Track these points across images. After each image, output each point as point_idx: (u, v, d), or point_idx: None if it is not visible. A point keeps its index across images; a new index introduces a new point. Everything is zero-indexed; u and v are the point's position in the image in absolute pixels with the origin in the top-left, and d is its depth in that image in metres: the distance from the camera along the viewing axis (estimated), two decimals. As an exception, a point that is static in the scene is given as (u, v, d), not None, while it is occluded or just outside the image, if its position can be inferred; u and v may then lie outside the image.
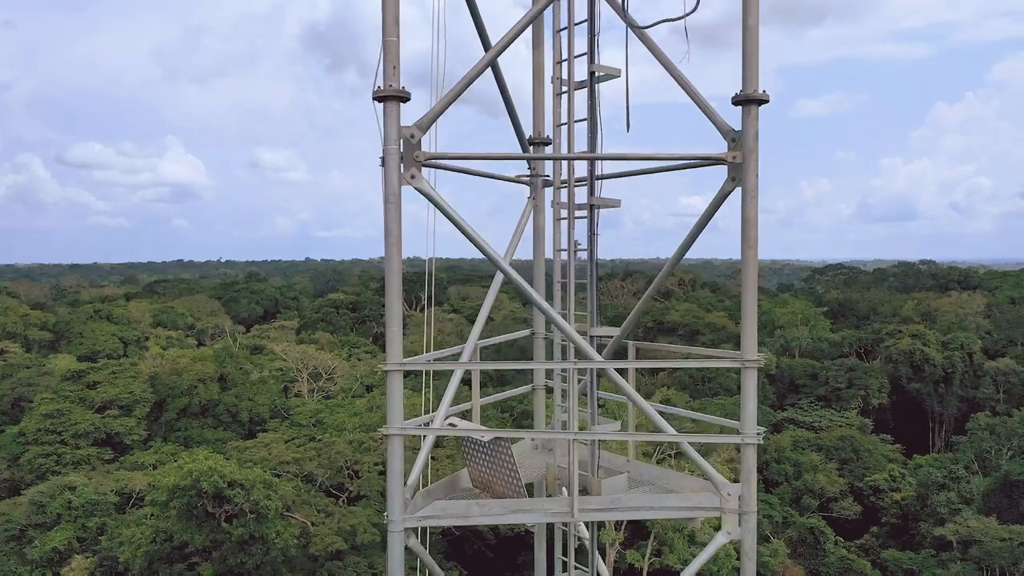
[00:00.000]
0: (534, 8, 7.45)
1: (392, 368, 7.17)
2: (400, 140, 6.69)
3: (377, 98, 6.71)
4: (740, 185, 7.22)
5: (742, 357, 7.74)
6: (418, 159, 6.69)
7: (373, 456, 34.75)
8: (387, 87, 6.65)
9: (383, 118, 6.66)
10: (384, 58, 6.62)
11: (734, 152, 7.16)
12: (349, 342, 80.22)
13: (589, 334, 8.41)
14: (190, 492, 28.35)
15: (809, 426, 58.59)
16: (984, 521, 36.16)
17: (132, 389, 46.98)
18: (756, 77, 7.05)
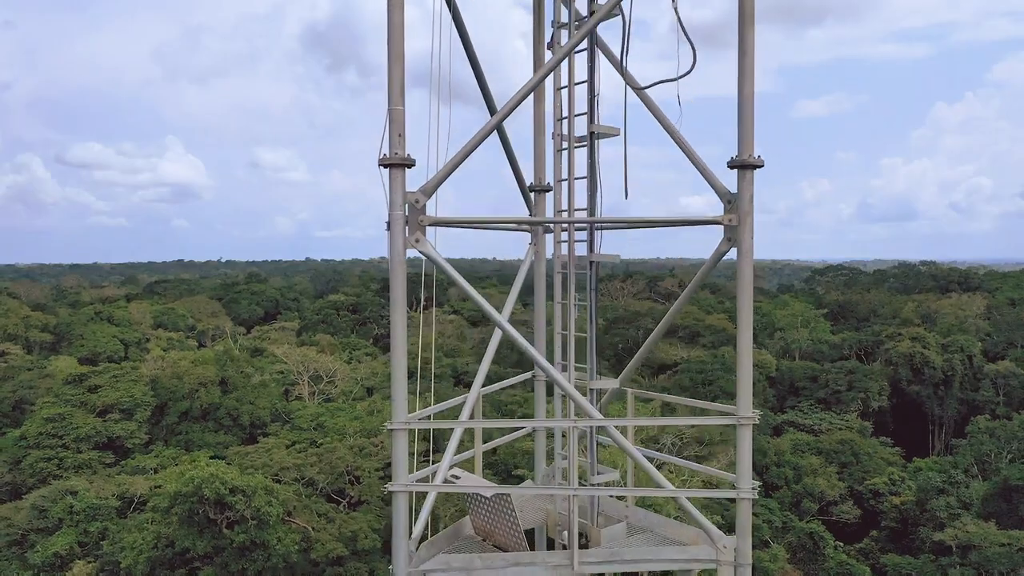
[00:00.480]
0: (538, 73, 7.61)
1: (398, 427, 7.33)
2: (405, 205, 6.82)
3: (383, 164, 6.83)
4: (736, 246, 7.45)
5: (737, 413, 7.96)
6: (423, 223, 6.83)
7: (374, 461, 34.87)
8: (392, 155, 6.80)
9: (388, 184, 6.79)
10: (389, 126, 6.75)
11: (730, 215, 7.37)
12: (350, 344, 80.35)
13: (589, 387, 8.59)
14: (192, 499, 28.46)
15: (809, 429, 58.69)
16: (983, 526, 36.25)
17: (133, 393, 47.09)
18: (751, 143, 7.19)
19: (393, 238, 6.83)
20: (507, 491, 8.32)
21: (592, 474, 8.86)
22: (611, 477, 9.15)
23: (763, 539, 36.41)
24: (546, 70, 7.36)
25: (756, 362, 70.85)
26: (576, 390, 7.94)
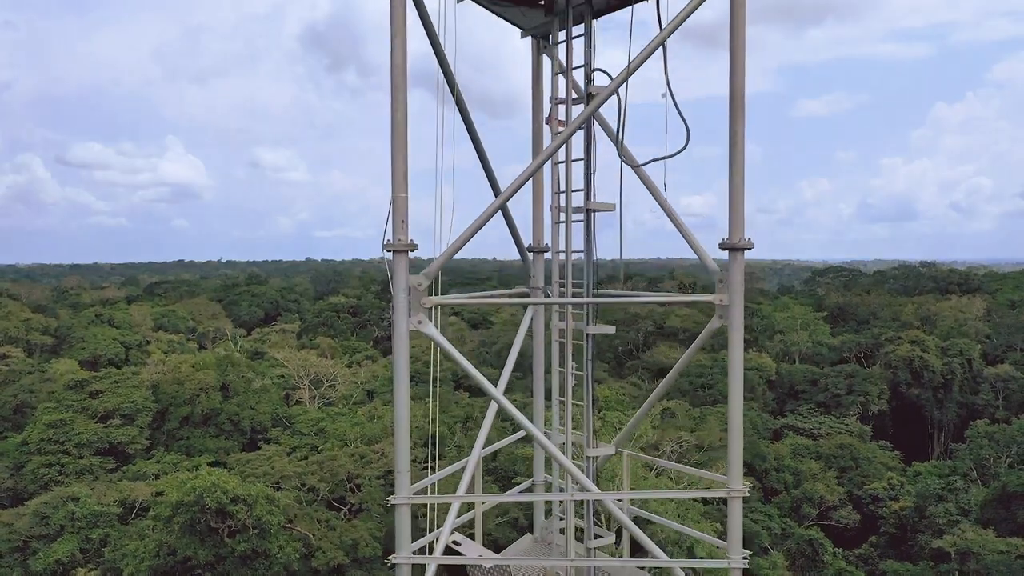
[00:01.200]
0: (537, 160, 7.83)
1: (401, 502, 7.51)
2: (408, 288, 7.02)
3: (388, 250, 7.03)
4: (727, 324, 7.63)
5: (728, 485, 8.12)
6: (425, 305, 7.04)
7: (374, 469, 34.99)
8: (396, 241, 7.03)
9: (392, 268, 6.98)
10: (393, 213, 6.95)
11: (721, 295, 7.62)
12: (350, 347, 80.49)
13: (587, 454, 8.74)
14: (193, 508, 28.58)
15: (808, 433, 58.82)
16: (982, 533, 36.36)
17: (134, 398, 47.20)
18: (741, 226, 7.47)
19: (396, 319, 7.03)
20: (506, 562, 8.46)
21: (588, 538, 9.02)
22: (608, 541, 9.30)
23: (762, 546, 36.53)
24: (544, 157, 7.56)
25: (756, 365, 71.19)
26: (573, 463, 8.13)
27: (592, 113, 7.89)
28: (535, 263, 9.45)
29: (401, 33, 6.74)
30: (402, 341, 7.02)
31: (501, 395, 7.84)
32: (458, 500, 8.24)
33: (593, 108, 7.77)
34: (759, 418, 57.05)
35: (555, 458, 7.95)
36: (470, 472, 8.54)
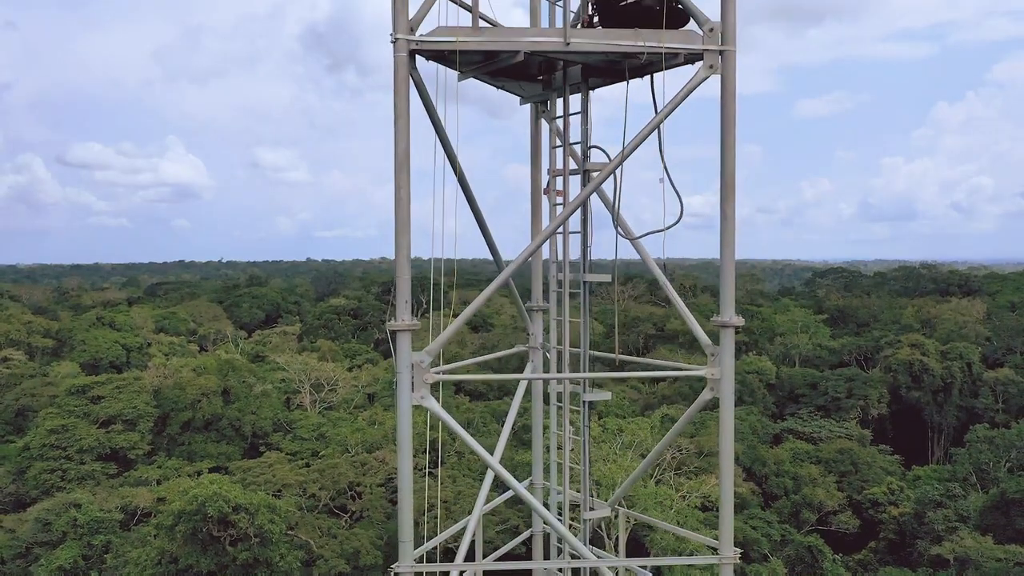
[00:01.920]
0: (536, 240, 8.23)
1: (404, 571, 7.69)
2: (411, 366, 7.21)
3: (391, 330, 7.24)
4: (718, 395, 7.99)
5: (720, 552, 8.39)
6: (427, 381, 7.25)
7: (375, 477, 35.13)
8: (400, 322, 7.27)
9: (396, 347, 7.18)
10: (396, 295, 7.18)
11: (712, 368, 7.92)
12: (351, 350, 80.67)
13: (583, 518, 8.95)
14: (195, 517, 28.74)
15: (808, 437, 58.88)
16: (980, 540, 36.49)
17: (136, 404, 47.37)
18: (732, 305, 7.97)
19: (400, 395, 7.23)
20: None
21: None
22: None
23: (762, 553, 36.67)
24: (542, 238, 7.80)
25: (756, 368, 71.28)
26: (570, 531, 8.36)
27: (588, 196, 8.17)
28: (534, 320, 9.65)
29: (404, 116, 6.93)
30: (405, 416, 7.21)
31: (497, 463, 8.11)
32: (459, 568, 8.35)
33: (589, 191, 8.02)
34: (759, 422, 57.14)
35: (554, 527, 8.14)
36: (470, 533, 8.68)
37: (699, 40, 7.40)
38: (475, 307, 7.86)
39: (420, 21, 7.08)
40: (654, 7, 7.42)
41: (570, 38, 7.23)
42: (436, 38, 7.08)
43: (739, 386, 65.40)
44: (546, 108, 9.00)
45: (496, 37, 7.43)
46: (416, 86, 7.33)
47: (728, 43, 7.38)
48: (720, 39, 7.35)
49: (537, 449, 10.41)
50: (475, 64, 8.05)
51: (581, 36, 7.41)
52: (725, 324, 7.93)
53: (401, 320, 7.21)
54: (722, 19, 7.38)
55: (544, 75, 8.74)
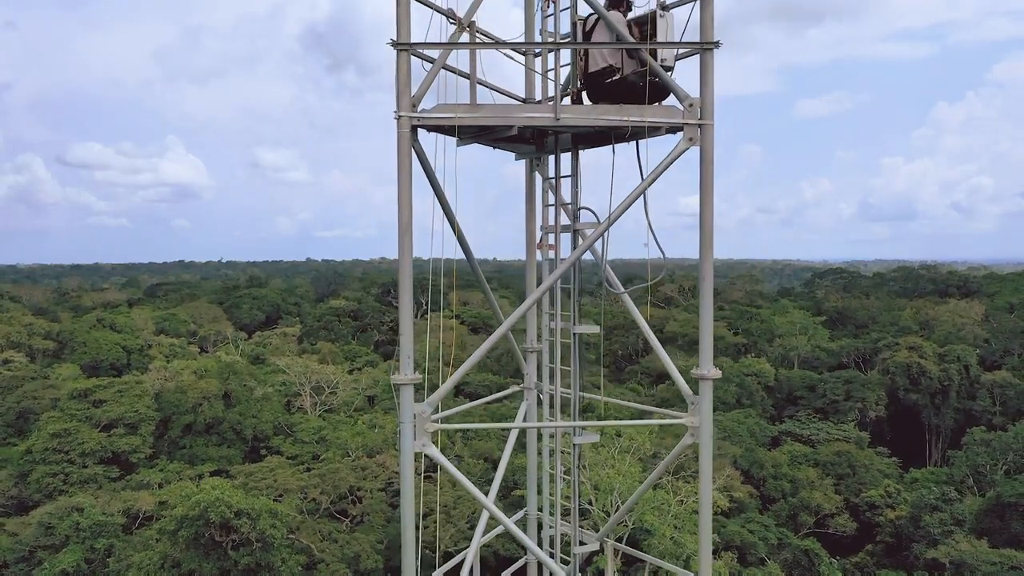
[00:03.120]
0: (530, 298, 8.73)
1: None
2: (414, 416, 7.66)
3: (395, 384, 7.65)
4: (697, 441, 8.46)
5: None
6: (428, 430, 7.73)
7: (375, 482, 35.42)
8: (403, 376, 7.74)
9: (400, 400, 7.61)
10: (400, 350, 7.56)
11: (692, 417, 8.41)
12: (351, 352, 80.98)
13: (574, 551, 9.33)
14: (198, 522, 29.01)
15: (806, 440, 59.18)
16: (975, 544, 36.79)
17: (137, 407, 47.64)
18: (710, 359, 8.39)
19: (403, 443, 7.68)
20: None
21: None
22: None
23: (759, 557, 36.95)
24: (535, 297, 8.08)
25: (754, 371, 71.54)
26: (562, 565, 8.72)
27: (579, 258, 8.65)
28: (529, 361, 10.01)
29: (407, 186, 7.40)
30: (408, 463, 7.63)
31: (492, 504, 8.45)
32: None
33: (578, 254, 8.51)
34: (757, 425, 57.42)
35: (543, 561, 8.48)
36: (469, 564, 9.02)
37: (679, 115, 7.89)
38: (476, 358, 8.33)
39: (421, 98, 7.54)
40: (637, 83, 7.96)
41: (560, 114, 7.79)
42: (437, 115, 7.58)
43: (737, 389, 65.70)
44: (540, 161, 9.42)
45: (492, 113, 7.92)
46: (417, 155, 7.77)
47: (706, 117, 7.85)
48: (699, 114, 7.83)
49: (531, 483, 10.74)
50: (473, 134, 8.59)
51: (570, 112, 7.96)
52: (703, 376, 8.39)
53: (404, 375, 7.66)
54: (700, 95, 7.86)
55: (537, 140, 9.25)
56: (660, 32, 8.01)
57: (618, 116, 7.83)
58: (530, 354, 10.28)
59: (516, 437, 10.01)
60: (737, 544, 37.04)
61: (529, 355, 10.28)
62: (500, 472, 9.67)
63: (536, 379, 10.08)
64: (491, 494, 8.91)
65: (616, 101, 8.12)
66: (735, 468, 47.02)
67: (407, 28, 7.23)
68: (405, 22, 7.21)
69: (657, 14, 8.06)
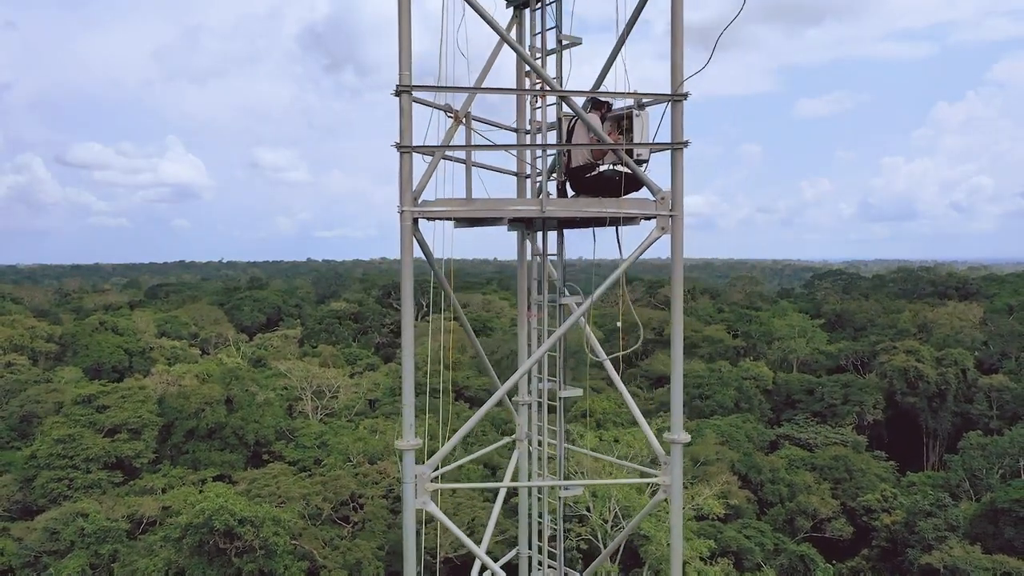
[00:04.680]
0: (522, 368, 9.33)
1: None
2: (415, 477, 8.31)
3: (399, 448, 8.26)
4: (668, 496, 9.14)
5: None
6: (428, 489, 8.44)
7: (377, 489, 35.87)
8: (406, 443, 8.38)
9: (403, 463, 8.21)
10: (403, 420, 8.14)
11: (665, 476, 9.11)
12: (352, 355, 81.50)
13: None
14: (202, 529, 29.48)
15: (804, 443, 59.65)
16: (969, 550, 37.23)
17: (141, 413, 48.10)
18: (680, 425, 9.02)
19: (405, 501, 8.37)
20: None
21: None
22: None
23: (756, 562, 37.42)
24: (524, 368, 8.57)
25: (753, 374, 72.00)
26: None
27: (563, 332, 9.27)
28: (520, 413, 10.54)
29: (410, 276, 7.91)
30: (410, 520, 8.23)
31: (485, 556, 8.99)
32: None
33: (563, 329, 9.17)
34: (755, 429, 57.86)
35: None
36: None
37: (652, 206, 8.59)
38: (473, 422, 9.06)
39: (421, 192, 8.22)
40: (614, 177, 8.75)
41: (545, 207, 8.58)
42: (437, 208, 8.28)
43: (736, 393, 66.19)
44: (530, 235, 10.04)
45: (484, 206, 8.62)
46: (418, 242, 8.42)
47: (676, 209, 8.54)
48: (670, 206, 8.51)
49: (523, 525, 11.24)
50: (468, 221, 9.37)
51: (554, 204, 8.76)
52: (675, 440, 9.03)
53: (407, 441, 8.34)
54: (671, 188, 8.53)
55: (526, 220, 9.97)
56: (636, 129, 8.70)
57: (597, 208, 8.61)
58: (521, 407, 10.84)
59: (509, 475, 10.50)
60: (734, 550, 37.51)
61: (521, 408, 10.83)
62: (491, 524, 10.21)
63: (527, 430, 10.60)
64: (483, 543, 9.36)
65: (596, 192, 8.87)
66: (733, 473, 47.50)
67: (409, 132, 7.85)
68: (407, 127, 7.83)
69: (633, 114, 8.74)
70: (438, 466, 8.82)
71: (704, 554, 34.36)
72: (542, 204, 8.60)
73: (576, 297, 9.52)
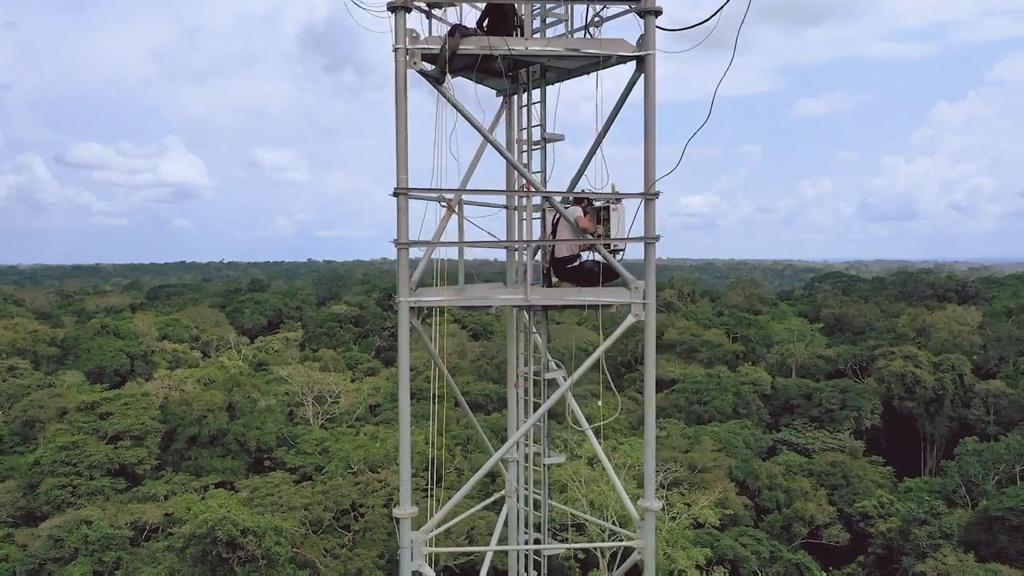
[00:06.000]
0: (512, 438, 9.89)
1: None
2: (411, 542, 8.85)
3: (396, 517, 8.82)
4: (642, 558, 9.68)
5: None
6: (424, 552, 9.01)
7: (377, 498, 36.31)
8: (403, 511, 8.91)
9: (400, 529, 8.76)
10: (401, 490, 8.61)
11: (639, 540, 9.66)
12: (352, 358, 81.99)
13: None
14: (205, 540, 29.92)
15: (802, 449, 60.05)
16: (962, 558, 37.63)
17: (143, 420, 48.54)
18: (652, 493, 9.66)
19: (403, 567, 8.92)
20: None
21: None
22: None
23: (752, 570, 37.83)
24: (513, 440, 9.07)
25: (752, 379, 72.36)
26: None
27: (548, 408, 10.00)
28: (510, 469, 11.05)
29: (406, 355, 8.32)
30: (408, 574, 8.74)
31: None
32: None
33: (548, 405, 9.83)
34: (753, 435, 58.24)
35: None
36: None
37: (627, 295, 9.41)
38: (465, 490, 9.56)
39: (417, 284, 8.95)
40: (593, 268, 9.69)
41: (529, 296, 9.38)
42: (430, 299, 9.04)
43: (734, 398, 66.57)
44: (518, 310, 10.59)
45: (474, 295, 9.47)
46: (415, 328, 8.96)
47: (648, 298, 9.37)
48: (643, 295, 9.37)
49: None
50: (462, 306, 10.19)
51: (537, 293, 9.57)
52: (647, 508, 9.63)
53: (404, 510, 8.87)
54: (645, 279, 9.43)
55: None
56: (613, 221, 9.60)
57: (576, 296, 9.53)
58: (511, 463, 11.36)
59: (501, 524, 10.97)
60: (730, 558, 37.93)
61: (510, 464, 11.35)
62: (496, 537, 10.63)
63: (516, 485, 11.09)
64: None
65: (577, 279, 9.77)
66: (730, 479, 47.92)
67: (405, 230, 8.55)
68: (404, 225, 8.51)
69: (611, 208, 9.62)
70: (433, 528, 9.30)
71: (700, 562, 34.78)
72: (527, 294, 9.33)
73: (560, 372, 10.11)
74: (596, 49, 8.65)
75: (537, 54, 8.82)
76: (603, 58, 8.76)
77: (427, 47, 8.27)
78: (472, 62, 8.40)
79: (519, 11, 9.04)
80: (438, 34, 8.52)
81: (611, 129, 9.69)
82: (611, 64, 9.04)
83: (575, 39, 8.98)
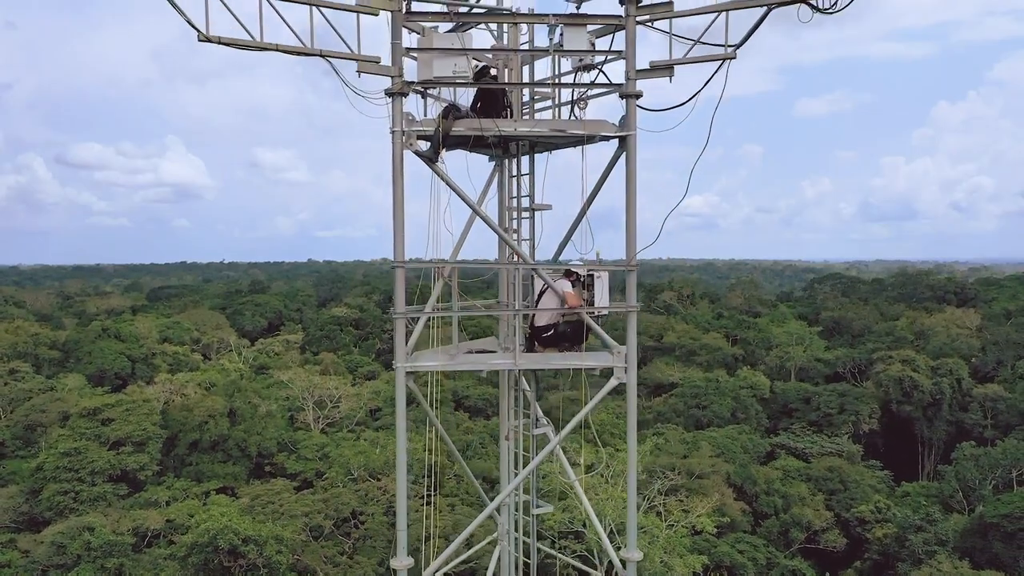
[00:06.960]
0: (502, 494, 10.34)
1: None
2: None
3: (393, 567, 9.11)
4: None
5: None
6: None
7: (378, 506, 36.61)
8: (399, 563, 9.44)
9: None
10: (396, 542, 8.87)
11: None
12: (353, 362, 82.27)
13: None
14: (207, 548, 30.23)
15: (800, 453, 60.31)
16: (957, 565, 37.90)
17: (145, 425, 48.83)
18: (634, 543, 9.93)
19: None
20: None
21: None
22: None
23: (748, 577, 38.12)
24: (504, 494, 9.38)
25: (750, 384, 72.62)
26: None
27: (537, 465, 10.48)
28: (502, 513, 11.42)
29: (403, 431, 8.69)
30: None
31: None
32: None
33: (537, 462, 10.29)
34: (750, 440, 58.50)
35: None
36: None
37: (610, 359, 9.85)
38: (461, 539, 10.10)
39: (413, 350, 9.37)
40: (566, 331, 10.27)
41: (518, 361, 9.88)
42: (426, 364, 9.45)
43: (733, 403, 66.85)
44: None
45: (466, 361, 10.06)
46: (412, 393, 9.20)
47: (630, 363, 9.77)
48: (624, 360, 9.76)
49: None
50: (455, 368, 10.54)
51: (525, 359, 10.08)
52: (628, 559, 10.02)
53: (400, 562, 9.30)
54: (626, 344, 9.82)
55: None
56: (597, 288, 10.08)
57: (562, 361, 10.08)
58: (504, 507, 11.66)
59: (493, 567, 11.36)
60: (727, 565, 38.22)
61: (503, 507, 11.64)
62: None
63: (507, 528, 11.42)
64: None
65: (556, 346, 10.29)
66: (728, 485, 48.18)
67: (403, 300, 9.01)
68: (401, 295, 8.99)
69: (595, 276, 10.10)
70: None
71: (697, 570, 35.06)
72: (516, 359, 9.83)
73: (548, 428, 10.46)
74: (580, 130, 9.11)
75: (525, 134, 9.33)
76: (587, 137, 9.21)
77: (422, 129, 8.74)
78: (465, 139, 8.91)
79: (509, 92, 9.42)
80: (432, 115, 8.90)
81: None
82: (595, 142, 9.49)
83: (560, 120, 9.41)
